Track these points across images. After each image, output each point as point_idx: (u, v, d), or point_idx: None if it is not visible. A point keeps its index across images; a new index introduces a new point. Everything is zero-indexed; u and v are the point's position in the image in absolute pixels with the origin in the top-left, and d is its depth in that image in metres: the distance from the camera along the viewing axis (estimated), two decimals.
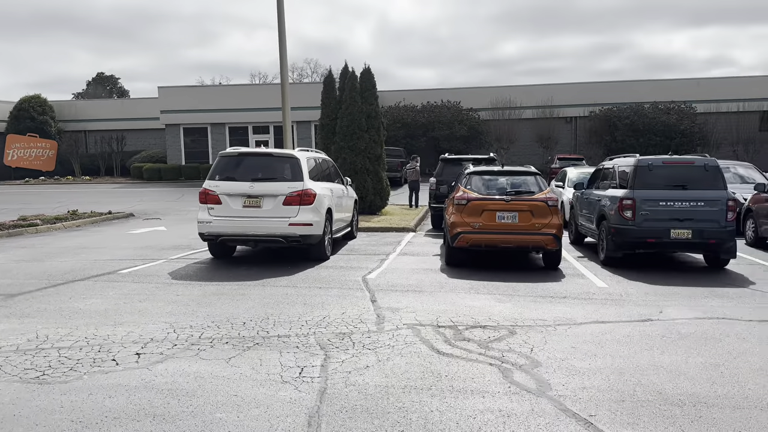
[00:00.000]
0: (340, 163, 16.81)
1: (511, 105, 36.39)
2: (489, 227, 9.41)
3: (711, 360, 5.23)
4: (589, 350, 5.49)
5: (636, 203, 9.38)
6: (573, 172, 16.40)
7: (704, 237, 9.16)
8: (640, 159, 9.85)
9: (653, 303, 7.36)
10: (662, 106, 34.68)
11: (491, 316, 6.68)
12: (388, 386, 4.58)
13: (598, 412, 4.11)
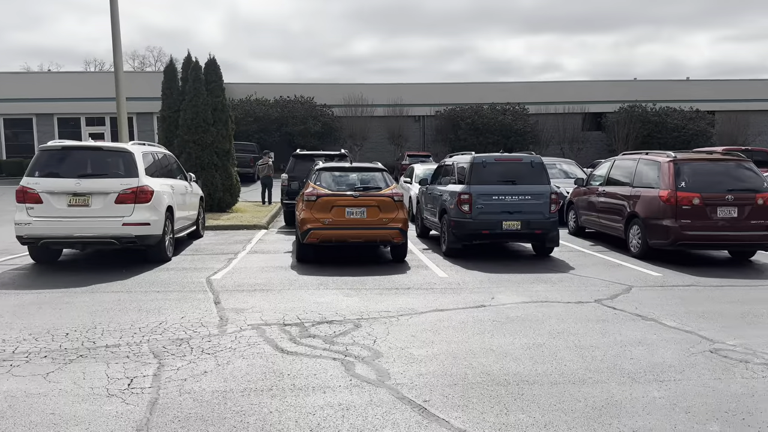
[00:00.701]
0: (185, 159, 15.97)
1: (364, 102, 37.13)
2: (339, 223, 9.49)
3: (534, 340, 5.72)
4: (427, 338, 5.74)
5: (472, 198, 10.01)
6: (420, 169, 17.10)
7: (531, 228, 10.02)
8: (475, 156, 10.53)
9: (487, 290, 7.90)
10: (499, 107, 37.45)
11: (338, 311, 6.74)
12: (226, 391, 4.42)
13: (432, 397, 4.30)
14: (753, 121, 36.67)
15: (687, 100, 37.12)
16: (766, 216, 9.64)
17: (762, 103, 38.68)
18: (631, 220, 10.60)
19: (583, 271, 9.31)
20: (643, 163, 10.77)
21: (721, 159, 10.63)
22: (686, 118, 35.18)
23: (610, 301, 7.34)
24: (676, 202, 9.54)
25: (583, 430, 3.83)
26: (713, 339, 5.78)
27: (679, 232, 9.50)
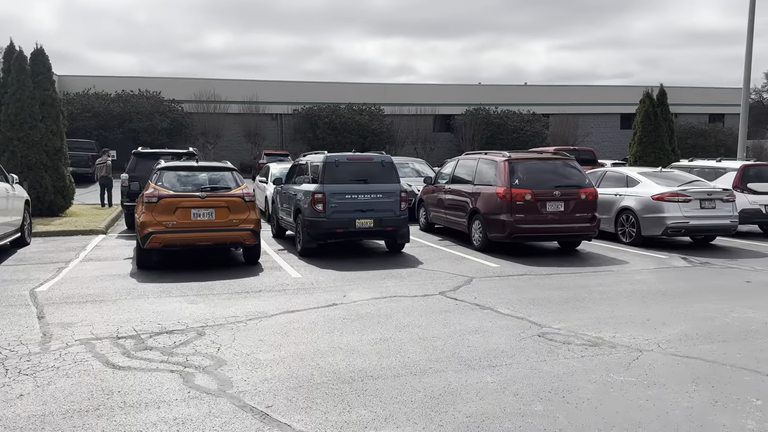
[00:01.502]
0: (8, 158, 14.30)
1: (217, 99, 35.76)
2: (184, 225, 9.01)
3: (381, 335, 5.84)
4: (275, 341, 5.63)
5: (326, 197, 10.03)
6: (275, 168, 16.81)
7: (383, 225, 10.27)
8: (328, 156, 10.56)
9: (339, 288, 7.95)
10: (357, 107, 38.03)
11: (181, 320, 6.38)
12: (45, 415, 3.98)
13: (275, 403, 4.21)
14: (582, 123, 40.79)
15: (525, 104, 40.36)
16: (588, 209, 10.73)
17: (589, 107, 43.13)
18: (473, 216, 11.27)
19: (431, 266, 9.71)
20: (482, 162, 11.49)
21: (550, 158, 11.67)
22: (524, 120, 38.26)
23: (453, 292, 7.73)
24: (511, 198, 10.30)
25: (420, 419, 3.97)
26: (541, 324, 6.30)
27: (514, 226, 10.27)
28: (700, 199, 11.37)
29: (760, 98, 61.90)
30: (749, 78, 19.97)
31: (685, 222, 11.21)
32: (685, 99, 40.24)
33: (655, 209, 11.40)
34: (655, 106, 20.84)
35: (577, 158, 15.61)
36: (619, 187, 12.49)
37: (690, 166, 14.79)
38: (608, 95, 43.97)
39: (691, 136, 37.07)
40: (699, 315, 6.68)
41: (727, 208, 11.56)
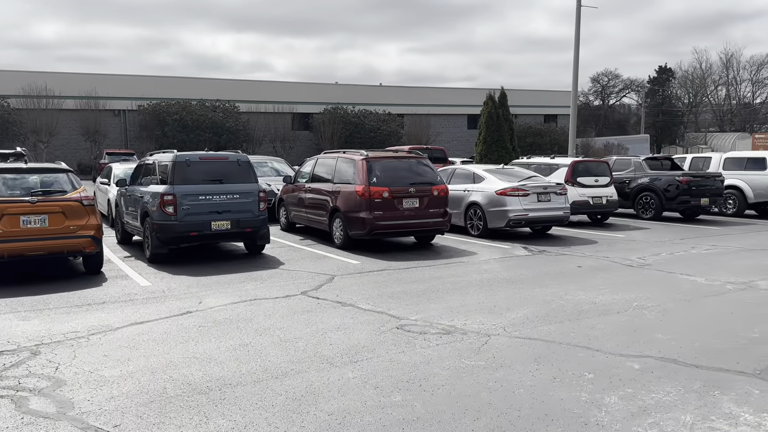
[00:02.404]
0: None
1: (49, 93, 32.45)
2: (11, 234, 8.05)
3: (241, 341, 5.66)
4: (122, 356, 5.23)
5: (177, 198, 9.51)
6: (118, 169, 15.60)
7: (241, 226, 9.97)
8: (178, 155, 10.03)
9: (194, 295, 7.59)
10: (209, 103, 36.55)
11: (11, 339, 5.71)
12: None
13: (123, 421, 3.92)
14: (434, 123, 42.75)
15: (381, 104, 41.45)
16: (441, 205, 11.26)
17: (440, 108, 45.34)
18: (334, 214, 11.35)
19: (292, 266, 9.61)
20: (341, 161, 11.61)
21: (405, 156, 12.08)
22: (381, 120, 39.30)
23: (315, 291, 7.73)
24: (370, 195, 10.52)
25: (282, 423, 3.91)
26: (400, 316, 6.50)
27: (373, 223, 10.50)
28: (537, 193, 12.44)
29: (587, 101, 69.11)
30: (577, 82, 22.22)
31: (525, 214, 12.20)
32: (524, 101, 43.82)
33: (499, 203, 12.28)
34: (497, 108, 22.43)
35: (430, 157, 16.33)
36: (467, 184, 13.27)
37: (528, 163, 16.11)
38: (456, 97, 46.59)
39: (529, 135, 40.38)
40: (539, 299, 7.30)
41: (561, 200, 12.76)
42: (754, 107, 72.66)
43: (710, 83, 72.83)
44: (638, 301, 7.13)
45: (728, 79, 73.17)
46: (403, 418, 3.98)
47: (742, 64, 73.43)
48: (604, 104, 70.60)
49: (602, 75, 70.15)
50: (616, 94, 71.41)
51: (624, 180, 16.33)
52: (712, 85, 72.98)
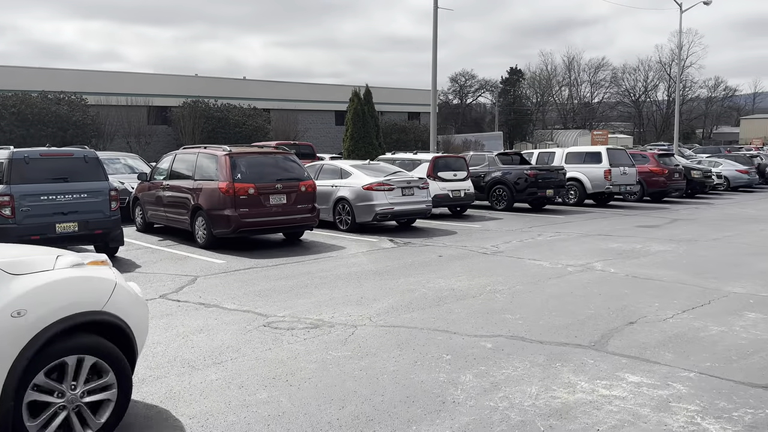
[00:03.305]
0: None
1: None
2: None
3: None
4: None
5: (14, 200, 8.62)
6: None
7: (90, 228, 9.26)
8: (15, 152, 9.08)
9: None
10: (53, 95, 33.36)
11: None
12: None
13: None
14: (302, 119, 42.44)
15: (246, 98, 40.34)
16: (308, 201, 11.26)
17: (308, 103, 45.11)
18: (196, 213, 10.90)
19: (150, 268, 9.11)
20: (202, 156, 11.18)
21: (271, 152, 11.92)
22: (246, 114, 38.25)
23: (176, 294, 7.39)
24: (234, 192, 10.25)
25: None
26: (267, 314, 6.43)
27: (239, 221, 10.24)
28: (401, 188, 12.87)
29: (447, 100, 72.47)
30: (436, 82, 23.21)
31: (391, 208, 12.58)
32: (389, 99, 44.96)
33: (366, 198, 12.54)
34: (362, 105, 22.84)
35: (298, 153, 16.27)
36: (335, 179, 13.39)
37: (393, 158, 16.60)
38: (324, 93, 46.65)
39: (394, 132, 41.52)
40: (403, 288, 7.58)
41: (423, 194, 13.31)
42: (592, 106, 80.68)
43: (555, 84, 79.72)
44: (491, 286, 7.67)
45: (570, 80, 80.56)
46: (268, 415, 3.96)
47: (582, 67, 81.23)
48: (462, 103, 74.49)
49: (460, 75, 73.93)
50: (473, 93, 75.64)
51: (479, 174, 17.38)
52: (556, 85, 79.93)
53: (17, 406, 3.19)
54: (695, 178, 21.15)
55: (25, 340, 3.21)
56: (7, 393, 3.11)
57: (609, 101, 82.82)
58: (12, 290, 3.26)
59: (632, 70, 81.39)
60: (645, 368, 4.78)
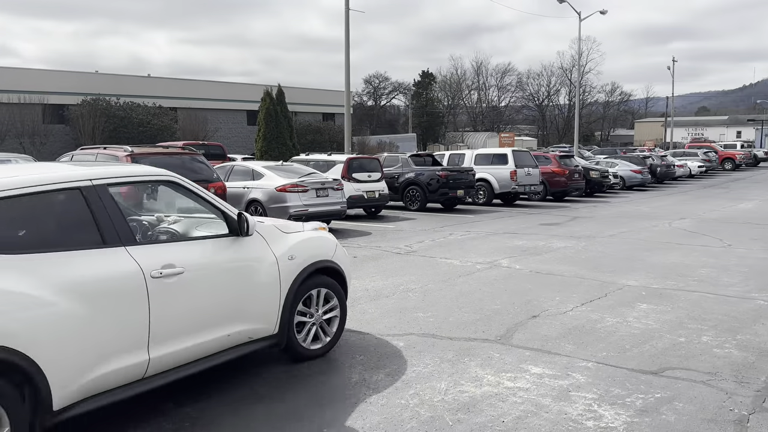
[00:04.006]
0: None
1: None
2: None
3: None
4: None
5: None
6: None
7: None
8: None
9: None
10: None
11: None
12: None
13: None
14: (211, 119, 41.18)
15: (151, 96, 38.63)
16: None
17: (218, 102, 43.83)
18: None
19: None
20: (102, 157, 10.61)
21: (177, 153, 11.50)
22: (151, 113, 36.63)
23: None
24: None
25: None
26: None
27: None
28: (315, 189, 12.79)
29: (361, 101, 72.89)
30: (349, 83, 23.28)
31: (305, 209, 12.47)
32: (302, 99, 44.61)
33: (279, 200, 12.36)
34: (275, 105, 22.52)
35: (207, 153, 15.81)
36: (246, 181, 13.10)
37: (307, 159, 16.47)
38: (235, 92, 45.53)
39: (309, 132, 41.22)
40: None
41: (338, 195, 13.30)
42: (500, 110, 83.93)
43: (465, 88, 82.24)
44: (404, 285, 7.79)
45: (479, 84, 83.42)
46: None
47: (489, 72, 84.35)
48: (376, 105, 75.22)
49: (374, 77, 74.66)
50: (387, 95, 76.60)
51: (393, 175, 17.61)
52: (466, 89, 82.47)
53: (291, 320, 4.73)
54: (594, 178, 22.48)
55: (294, 275, 4.72)
56: (286, 309, 4.65)
57: (515, 105, 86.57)
58: (286, 242, 4.77)
59: (536, 76, 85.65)
60: (547, 360, 5.03)
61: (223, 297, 4.20)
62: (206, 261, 4.14)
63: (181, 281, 3.87)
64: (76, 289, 3.35)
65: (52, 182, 3.59)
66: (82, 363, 3.33)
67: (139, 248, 3.78)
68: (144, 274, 3.68)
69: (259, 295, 4.44)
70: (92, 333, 3.39)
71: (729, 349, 5.22)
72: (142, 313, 3.65)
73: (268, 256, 4.57)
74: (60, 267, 3.36)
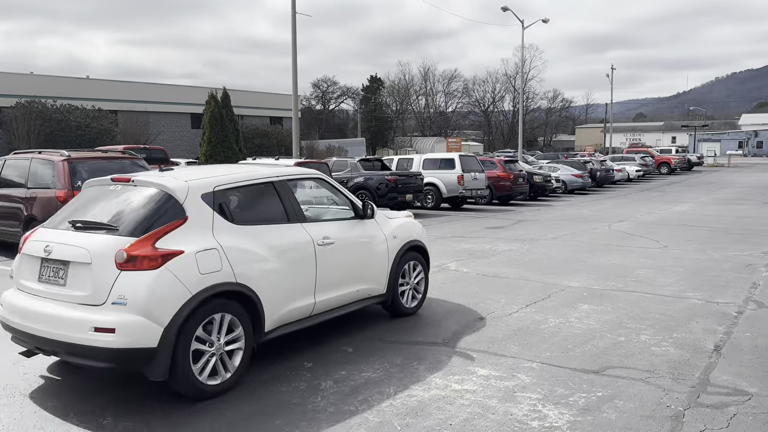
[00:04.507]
0: None
1: None
2: None
3: None
4: None
5: None
6: None
7: None
8: None
9: None
10: None
11: None
12: None
13: None
14: (153, 122, 40.04)
15: (89, 99, 37.23)
16: None
17: (160, 105, 42.66)
18: (30, 224, 9.81)
19: None
20: (37, 162, 10.13)
21: (116, 157, 11.09)
22: (89, 116, 35.26)
23: None
24: None
25: None
26: None
27: None
28: None
29: (310, 105, 72.45)
30: (297, 86, 23.09)
31: None
32: (249, 102, 43.96)
33: None
34: (220, 108, 22.09)
35: (149, 157, 15.35)
36: None
37: (254, 164, 16.22)
38: (178, 95, 44.44)
39: (256, 136, 40.63)
40: None
41: None
42: (447, 115, 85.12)
43: (413, 93, 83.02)
44: None
45: (427, 90, 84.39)
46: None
47: (437, 77, 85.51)
48: (325, 109, 74.96)
49: (322, 81, 74.38)
50: (335, 99, 76.47)
51: (342, 180, 17.53)
52: (414, 94, 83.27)
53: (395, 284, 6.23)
54: (537, 182, 23.05)
55: (396, 250, 6.17)
56: (391, 275, 6.12)
57: (462, 110, 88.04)
58: (390, 226, 6.23)
59: (482, 82, 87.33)
60: (493, 361, 5.10)
61: (355, 262, 5.72)
62: (345, 236, 5.67)
63: (333, 249, 5.41)
64: (276, 249, 4.85)
65: (258, 178, 5.12)
66: (280, 300, 4.83)
67: (308, 225, 5.31)
68: (314, 243, 5.22)
69: (375, 263, 5.95)
70: (286, 280, 4.89)
71: (666, 347, 5.43)
72: (312, 269, 5.18)
73: (380, 234, 6.07)
74: (267, 235, 4.85)
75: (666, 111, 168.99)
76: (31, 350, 4.50)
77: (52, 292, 4.27)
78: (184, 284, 4.11)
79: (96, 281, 4.06)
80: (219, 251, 4.38)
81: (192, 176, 4.76)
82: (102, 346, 3.92)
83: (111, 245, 4.13)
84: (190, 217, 4.41)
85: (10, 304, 4.49)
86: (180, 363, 4.06)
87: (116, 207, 4.53)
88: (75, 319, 4.02)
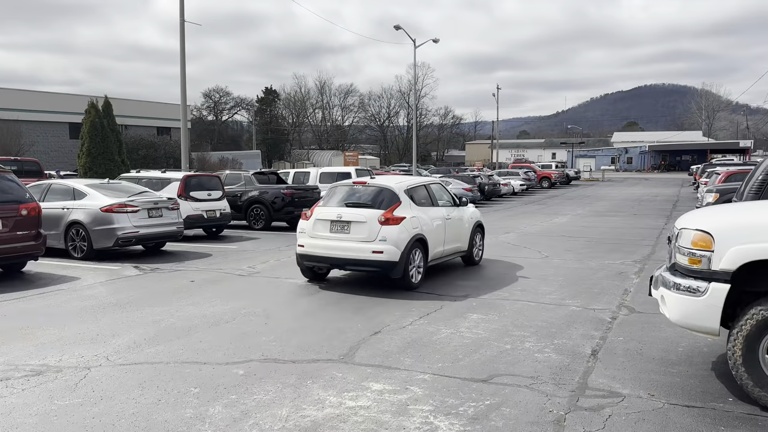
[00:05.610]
0: None
1: None
2: None
3: None
4: None
5: None
6: None
7: None
8: None
9: None
10: None
11: None
12: None
13: None
14: (26, 131, 36.86)
15: None
16: (32, 226, 9.77)
17: (34, 114, 39.39)
18: None
19: None
20: None
21: None
22: None
23: None
24: None
25: None
26: None
27: None
28: (147, 209, 11.95)
29: (201, 115, 69.96)
30: (185, 96, 22.23)
31: (135, 231, 11.58)
32: (134, 111, 41.74)
33: (105, 221, 11.35)
34: (101, 117, 20.77)
35: (21, 170, 14.10)
36: (66, 201, 11.86)
37: (138, 177, 15.37)
38: (55, 103, 41.29)
39: (141, 147, 38.57)
40: (148, 320, 7.00)
41: (173, 215, 12.54)
42: (344, 129, 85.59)
43: (309, 106, 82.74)
44: (247, 308, 7.52)
45: (323, 103, 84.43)
46: None
47: (333, 91, 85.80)
48: (217, 120, 72.72)
49: (214, 91, 72.13)
50: (228, 110, 74.42)
51: (236, 193, 17.08)
52: (310, 107, 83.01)
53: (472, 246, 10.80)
54: None
55: (472, 225, 10.62)
56: (470, 241, 10.62)
57: (358, 125, 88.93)
58: (469, 210, 10.69)
59: (377, 97, 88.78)
60: (387, 375, 5.13)
61: (458, 230, 10.03)
62: (454, 215, 9.94)
63: (451, 221, 9.74)
64: (432, 218, 9.18)
65: (420, 182, 9.74)
66: (433, 245, 9.06)
67: (440, 208, 9.63)
68: (445, 217, 9.60)
69: (464, 232, 10.27)
70: (436, 235, 9.18)
71: (548, 354, 5.73)
72: (443, 231, 9.44)
73: (466, 216, 10.42)
74: (428, 211, 9.18)
75: (546, 129, 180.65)
76: (318, 273, 9.23)
77: (340, 236, 8.48)
78: (408, 232, 8.41)
79: (370, 230, 8.31)
80: (417, 218, 8.69)
81: (394, 181, 9.24)
82: (376, 259, 8.26)
83: (375, 214, 8.40)
84: (402, 201, 8.68)
85: (311, 244, 8.69)
86: (405, 270, 8.32)
87: (367, 197, 8.87)
88: (361, 248, 8.32)
